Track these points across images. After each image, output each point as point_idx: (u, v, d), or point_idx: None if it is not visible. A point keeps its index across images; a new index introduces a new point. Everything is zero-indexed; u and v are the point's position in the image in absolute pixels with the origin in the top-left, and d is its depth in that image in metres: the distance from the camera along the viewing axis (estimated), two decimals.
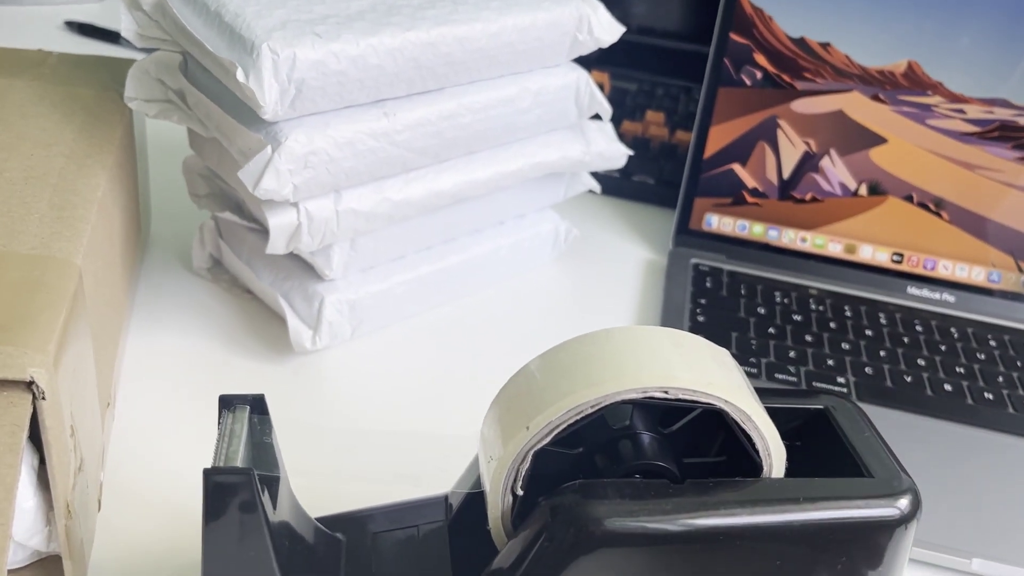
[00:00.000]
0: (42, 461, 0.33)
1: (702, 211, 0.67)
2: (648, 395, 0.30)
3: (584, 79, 0.55)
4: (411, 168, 0.50)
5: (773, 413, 0.33)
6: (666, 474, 0.32)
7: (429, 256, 0.56)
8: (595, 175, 0.71)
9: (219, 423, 0.33)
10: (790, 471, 0.33)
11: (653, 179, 0.74)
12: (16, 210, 0.37)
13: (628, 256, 0.66)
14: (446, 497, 0.38)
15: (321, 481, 0.41)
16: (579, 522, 0.29)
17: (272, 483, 0.33)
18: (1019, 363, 0.58)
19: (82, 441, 0.35)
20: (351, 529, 0.37)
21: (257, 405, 0.34)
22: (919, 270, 0.65)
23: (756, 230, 0.67)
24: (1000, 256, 0.64)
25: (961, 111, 0.64)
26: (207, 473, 0.30)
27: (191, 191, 0.56)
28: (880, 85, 0.64)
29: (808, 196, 0.66)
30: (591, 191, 0.71)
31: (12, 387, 0.30)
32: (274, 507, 0.32)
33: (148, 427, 0.46)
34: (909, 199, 0.65)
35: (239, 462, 0.31)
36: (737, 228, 0.67)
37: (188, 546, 0.40)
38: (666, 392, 0.30)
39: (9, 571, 0.35)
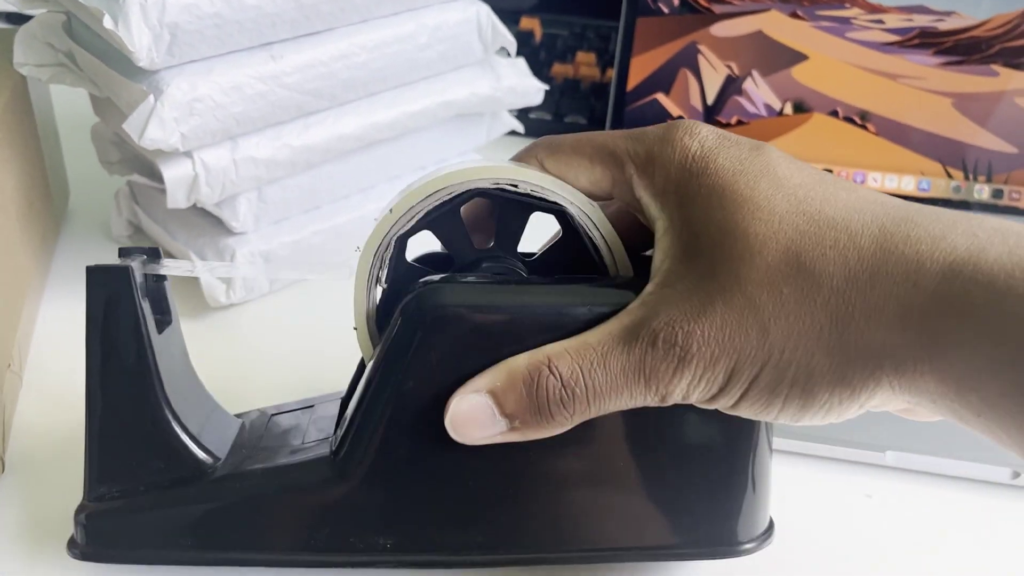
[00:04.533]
0: None
1: None
2: (499, 185, 0.32)
3: (484, 12, 0.54)
4: (309, 112, 0.49)
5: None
6: (515, 277, 0.34)
7: (346, 205, 0.55)
8: (528, 120, 0.70)
9: None
10: None
11: (585, 119, 0.74)
12: None
13: None
14: None
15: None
16: (427, 307, 0.30)
17: (162, 323, 0.34)
18: None
19: None
20: (250, 416, 0.39)
21: (152, 255, 0.35)
22: None
23: None
24: (929, 164, 0.64)
25: (880, 21, 0.63)
26: (88, 269, 0.32)
27: (102, 158, 0.55)
28: (797, 2, 0.63)
29: (734, 119, 0.65)
30: (519, 134, 0.70)
31: None
32: (159, 332, 0.34)
33: (61, 391, 0.46)
34: (835, 114, 0.64)
35: None
36: None
37: None
38: (515, 186, 0.32)
39: None
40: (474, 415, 0.30)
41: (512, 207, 0.33)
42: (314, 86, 0.48)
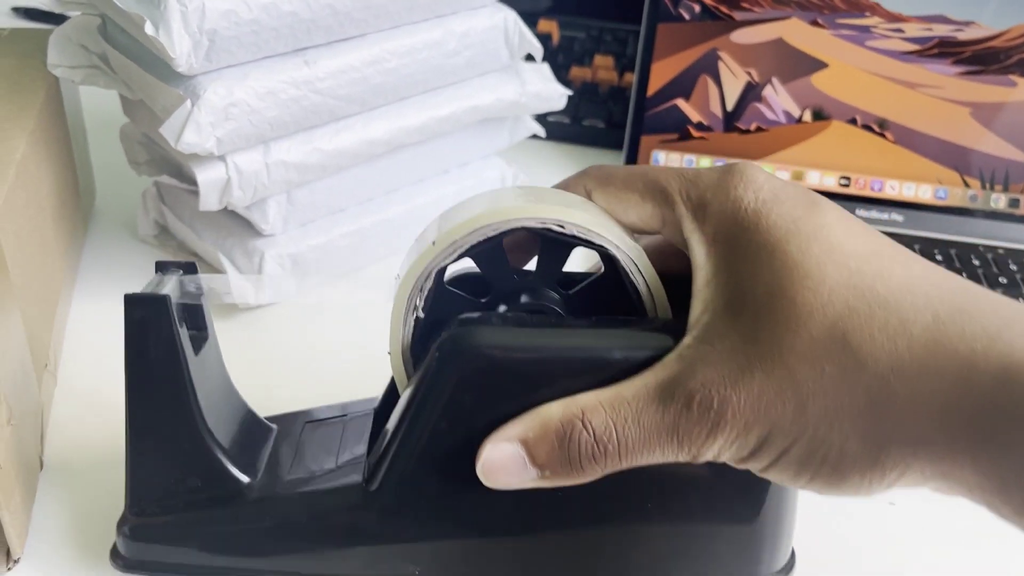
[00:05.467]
0: None
1: (649, 149, 0.67)
2: (545, 226, 0.31)
3: (512, 18, 0.55)
4: (340, 117, 0.50)
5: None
6: (551, 313, 0.33)
7: (371, 207, 0.56)
8: (546, 123, 0.71)
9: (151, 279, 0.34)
10: None
11: (603, 122, 0.74)
12: None
13: None
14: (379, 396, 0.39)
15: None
16: (463, 348, 0.30)
17: (199, 340, 0.35)
18: (964, 275, 0.58)
19: (10, 396, 0.35)
20: (284, 422, 0.39)
21: (189, 268, 0.35)
22: (867, 192, 0.65)
23: (703, 164, 0.67)
24: (946, 172, 0.64)
25: (900, 30, 0.64)
26: (127, 298, 0.32)
27: (130, 159, 0.56)
28: (818, 10, 0.64)
29: (753, 126, 0.66)
30: (540, 137, 0.71)
31: None
32: (196, 353, 0.34)
33: (94, 389, 0.46)
34: (853, 122, 0.65)
35: None
36: (684, 163, 0.67)
37: None
38: (562, 227, 0.31)
39: None
40: (505, 463, 0.30)
41: (556, 243, 0.33)
42: (346, 91, 0.48)
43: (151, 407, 0.34)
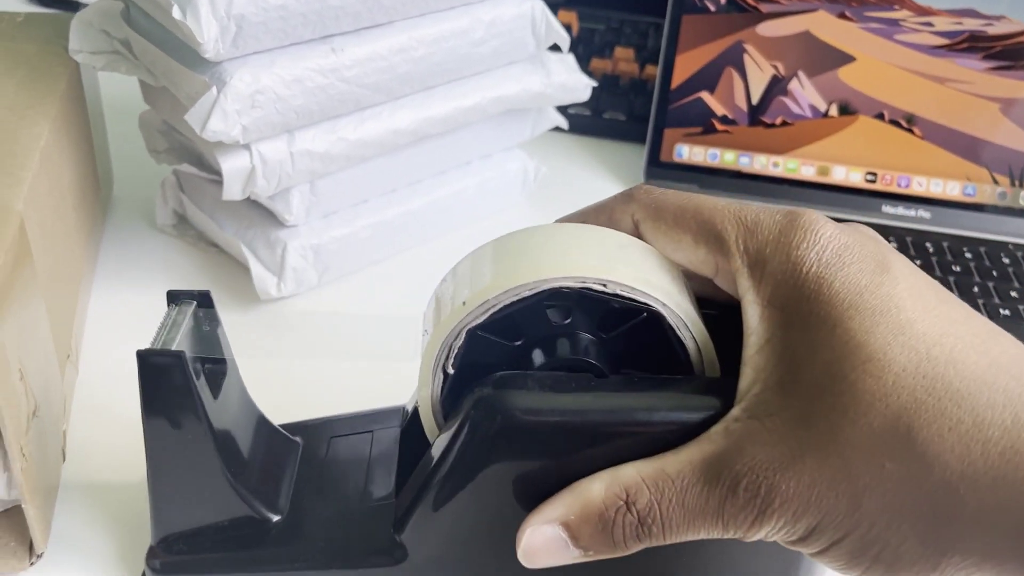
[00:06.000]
0: None
1: (672, 142, 0.66)
2: (586, 285, 0.29)
3: (539, 7, 0.54)
4: (365, 106, 0.49)
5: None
6: (592, 370, 0.31)
7: (394, 199, 0.55)
8: (566, 115, 0.70)
9: (164, 315, 0.33)
10: None
11: (624, 115, 0.73)
12: None
13: (599, 192, 0.65)
14: (404, 406, 0.38)
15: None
16: (498, 412, 0.29)
17: (217, 376, 0.34)
18: (994, 273, 0.58)
19: (35, 388, 0.35)
20: (310, 434, 0.38)
21: (204, 300, 0.34)
22: (893, 188, 0.64)
23: (727, 158, 0.66)
24: (975, 169, 0.63)
25: (929, 24, 0.63)
26: (139, 355, 0.31)
27: (149, 147, 0.55)
28: (846, 2, 0.63)
29: (778, 120, 0.65)
30: (561, 130, 0.70)
31: None
32: (215, 397, 0.33)
33: (114, 380, 0.45)
34: (880, 117, 0.64)
35: (174, 348, 0.32)
36: (708, 157, 0.66)
37: None
38: (604, 286, 0.29)
39: None
40: (547, 546, 0.29)
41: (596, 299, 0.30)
42: (373, 80, 0.47)
43: (171, 458, 0.33)
